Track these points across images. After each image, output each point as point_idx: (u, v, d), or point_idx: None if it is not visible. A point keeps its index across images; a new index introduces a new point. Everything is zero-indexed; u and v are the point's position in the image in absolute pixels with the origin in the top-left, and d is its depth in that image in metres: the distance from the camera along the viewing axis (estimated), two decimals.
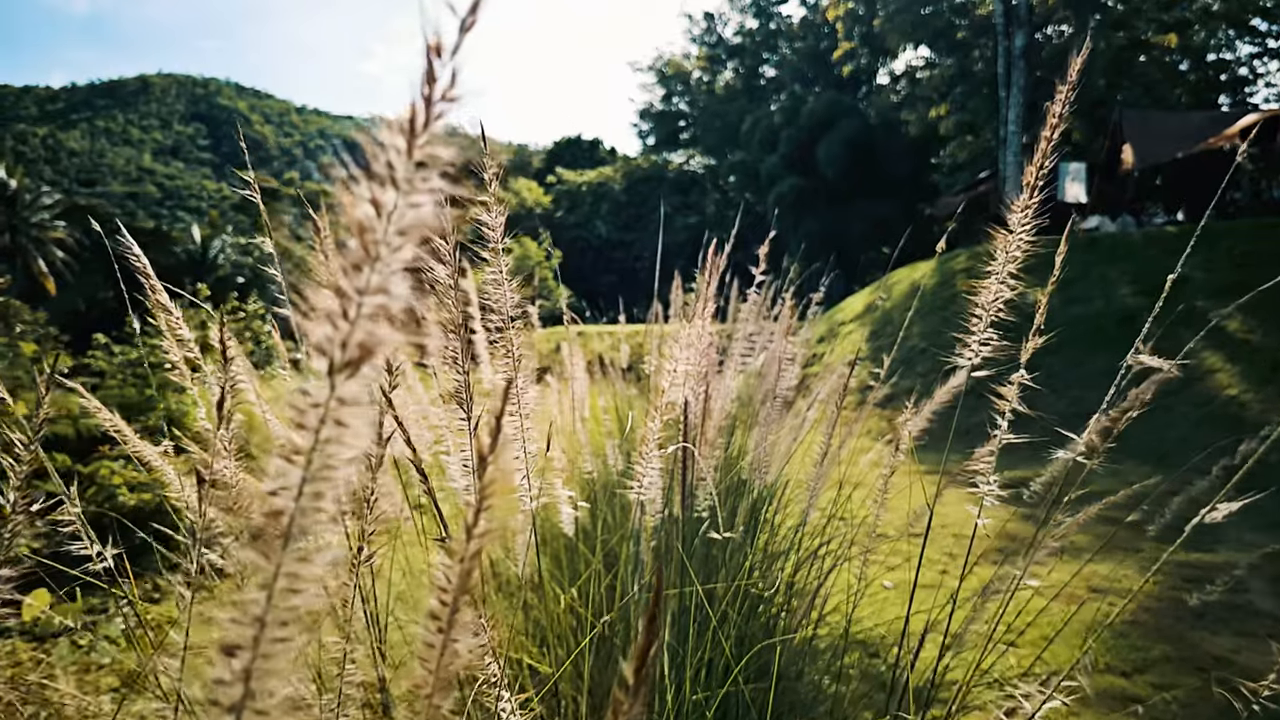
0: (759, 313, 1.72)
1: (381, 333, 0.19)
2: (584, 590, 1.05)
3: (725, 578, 1.06)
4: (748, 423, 1.91)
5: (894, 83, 25.06)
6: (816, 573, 1.35)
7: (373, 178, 0.19)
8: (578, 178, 33.77)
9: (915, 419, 0.85)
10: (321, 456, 0.19)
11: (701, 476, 0.85)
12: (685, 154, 35.51)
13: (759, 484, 1.12)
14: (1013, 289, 0.59)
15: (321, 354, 0.19)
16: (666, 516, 0.98)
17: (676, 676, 0.91)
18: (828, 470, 1.02)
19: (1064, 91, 0.57)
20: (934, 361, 7.61)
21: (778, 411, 1.16)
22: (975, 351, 0.58)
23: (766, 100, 30.60)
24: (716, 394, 1.01)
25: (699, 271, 1.59)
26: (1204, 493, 1.27)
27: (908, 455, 0.92)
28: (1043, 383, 0.99)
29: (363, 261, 0.19)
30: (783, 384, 1.08)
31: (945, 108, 17.06)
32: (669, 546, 0.92)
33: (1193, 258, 5.18)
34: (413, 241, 0.19)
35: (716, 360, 1.41)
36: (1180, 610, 2.65)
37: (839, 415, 0.97)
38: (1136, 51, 15.39)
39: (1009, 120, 13.23)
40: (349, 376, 0.19)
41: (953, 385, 0.96)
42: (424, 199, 0.19)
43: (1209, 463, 1.22)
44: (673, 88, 34.68)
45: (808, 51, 29.87)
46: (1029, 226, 0.58)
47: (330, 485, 0.19)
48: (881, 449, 2.01)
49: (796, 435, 1.32)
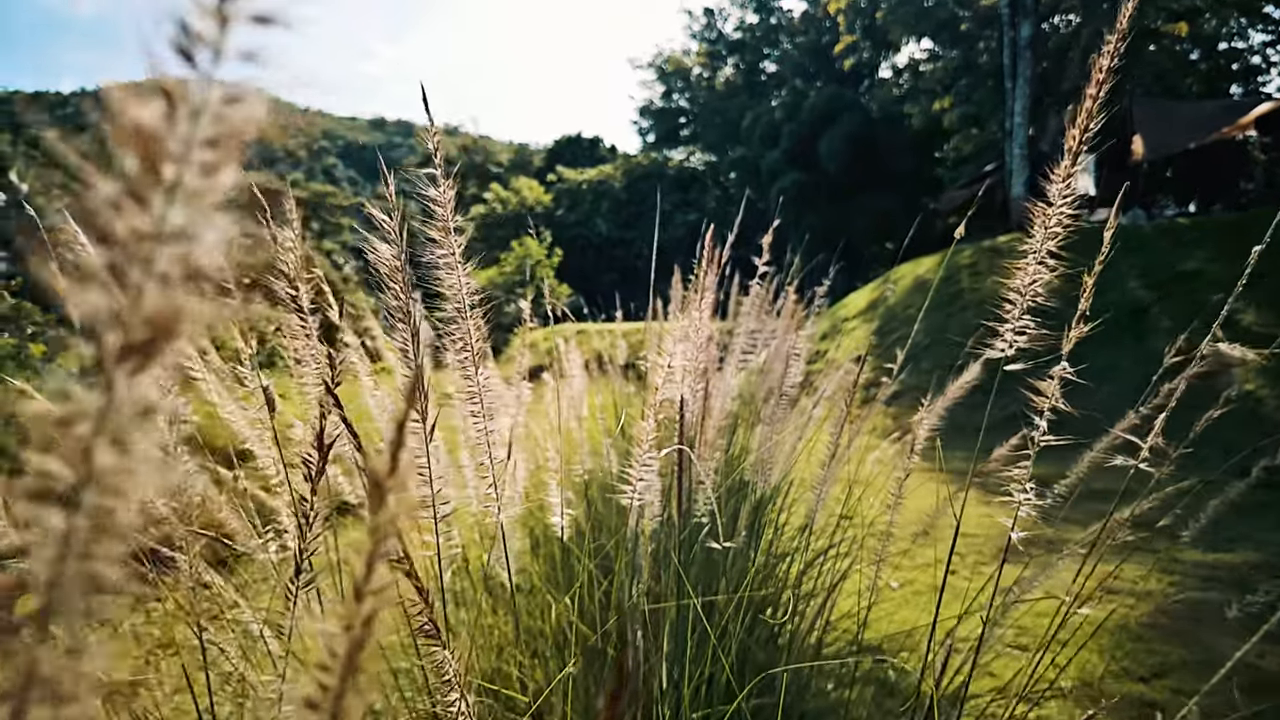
0: (761, 307, 1.66)
1: (181, 304, 0.12)
2: (577, 598, 0.99)
3: (726, 587, 1.00)
4: (750, 421, 1.85)
5: (896, 76, 24.85)
6: (825, 576, 1.29)
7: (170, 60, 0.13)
8: (578, 176, 33.71)
9: (929, 417, 0.78)
10: (95, 497, 0.12)
11: (701, 479, 0.79)
12: (685, 151, 35.37)
13: (762, 486, 1.05)
14: (1052, 269, 0.52)
15: (91, 337, 0.12)
16: (665, 519, 0.92)
17: (675, 695, 0.85)
18: (835, 471, 0.95)
19: (1097, 78, 0.50)
20: (938, 358, 7.52)
21: (783, 410, 1.09)
22: (1009, 342, 0.51)
23: (767, 96, 30.43)
24: (716, 391, 0.94)
25: (697, 265, 1.52)
26: (1229, 493, 1.19)
27: (917, 454, 0.85)
28: (1047, 377, 0.92)
29: (149, 187, 0.12)
30: (788, 381, 1.01)
31: (949, 100, 16.88)
32: (666, 552, 0.86)
33: (1204, 250, 5.22)
34: (231, 157, 0.12)
35: (717, 356, 1.35)
36: (1199, 612, 2.57)
37: (848, 414, 0.91)
38: (1146, 40, 15.17)
39: (1015, 112, 13.07)
40: (135, 372, 0.12)
41: (966, 380, 0.89)
42: (249, 93, 0.12)
43: (1228, 460, 1.14)
44: (673, 84, 34.53)
45: (809, 46, 29.66)
46: (1070, 198, 0.51)
47: (111, 541, 0.12)
48: (888, 447, 1.94)
49: (802, 434, 1.26)
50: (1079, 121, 0.52)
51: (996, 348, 0.51)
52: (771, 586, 1.23)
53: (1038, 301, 0.50)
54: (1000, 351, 0.50)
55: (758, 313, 1.59)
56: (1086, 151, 0.51)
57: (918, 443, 0.78)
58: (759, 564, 1.18)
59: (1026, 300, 0.50)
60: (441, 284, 0.45)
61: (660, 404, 0.61)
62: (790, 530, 1.75)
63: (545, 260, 21.81)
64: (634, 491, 0.62)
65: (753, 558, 1.14)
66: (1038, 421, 0.55)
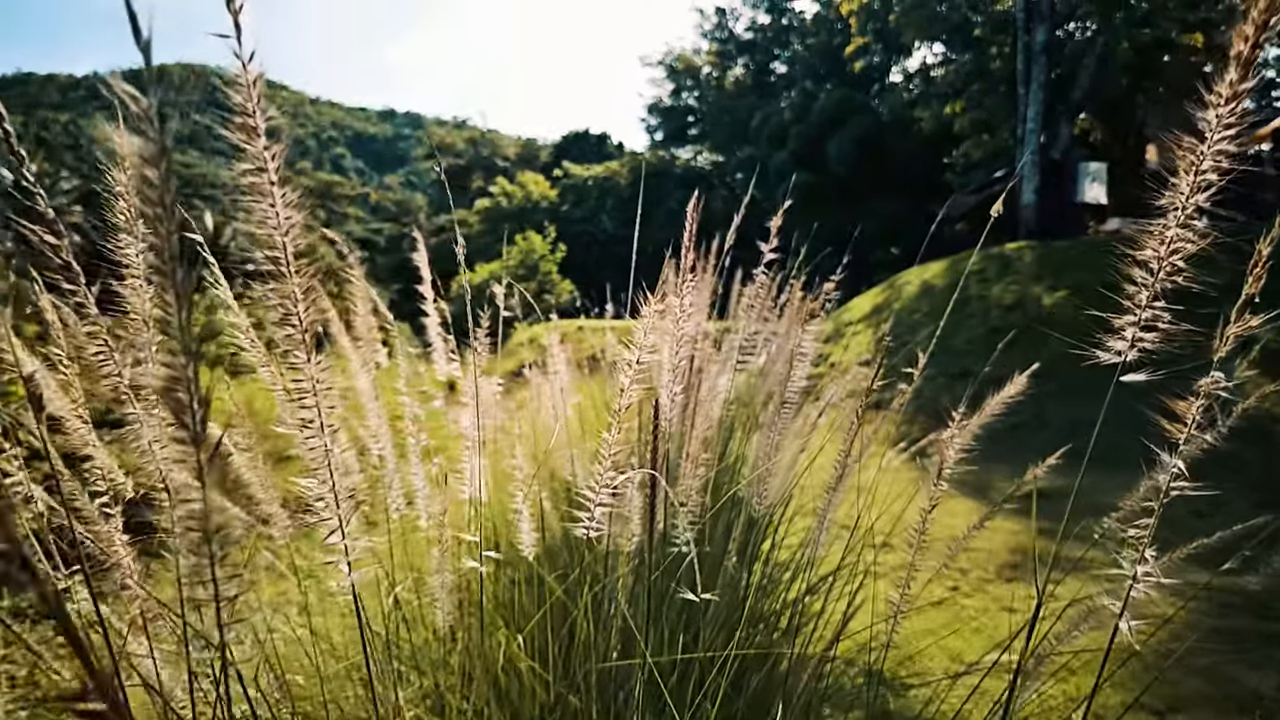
0: (764, 302, 1.52)
1: None
2: (534, 640, 0.86)
3: (710, 634, 0.87)
4: (748, 425, 1.71)
5: (907, 80, 24.65)
6: (828, 612, 1.15)
7: None
8: (584, 172, 33.59)
9: (960, 435, 0.66)
10: None
11: (683, 501, 0.66)
12: (693, 150, 35.22)
13: (759, 506, 0.91)
14: (1204, 235, 0.38)
15: None
16: (641, 546, 0.79)
17: None
18: (839, 497, 0.82)
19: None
20: (943, 365, 7.38)
21: (784, 419, 0.95)
22: (1131, 339, 0.37)
23: (776, 96, 30.22)
24: (705, 395, 0.81)
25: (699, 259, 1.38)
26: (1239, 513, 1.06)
27: (945, 480, 0.73)
28: (1053, 392, 0.78)
29: None
30: (790, 385, 0.88)
31: (960, 105, 16.70)
32: (637, 595, 0.73)
33: (1216, 261, 4.93)
34: None
35: (709, 355, 1.21)
36: (1215, 640, 2.44)
37: (858, 430, 0.78)
38: (1161, 51, 14.96)
39: (1027, 118, 12.89)
40: None
41: (1007, 395, 0.76)
42: None
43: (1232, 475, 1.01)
44: (682, 83, 34.34)
45: (820, 48, 29.46)
46: (1239, 109, 0.36)
47: None
48: (894, 457, 1.80)
49: (805, 444, 1.13)
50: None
51: (1112, 350, 0.37)
52: (764, 627, 1.09)
53: (1176, 282, 0.37)
54: (1116, 355, 0.37)
55: (761, 307, 1.45)
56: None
57: (946, 467, 0.65)
58: (751, 602, 1.03)
59: (1159, 281, 0.36)
60: (249, 217, 0.30)
61: (627, 411, 0.49)
62: (788, 550, 1.61)
63: (549, 256, 21.67)
64: (591, 519, 0.50)
65: (744, 586, 1.01)
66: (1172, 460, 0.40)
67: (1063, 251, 8.60)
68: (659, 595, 0.83)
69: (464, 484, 0.81)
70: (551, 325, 4.53)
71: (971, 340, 7.80)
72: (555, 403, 1.40)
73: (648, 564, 0.62)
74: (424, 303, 1.05)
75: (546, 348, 1.55)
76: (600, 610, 0.77)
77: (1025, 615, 2.78)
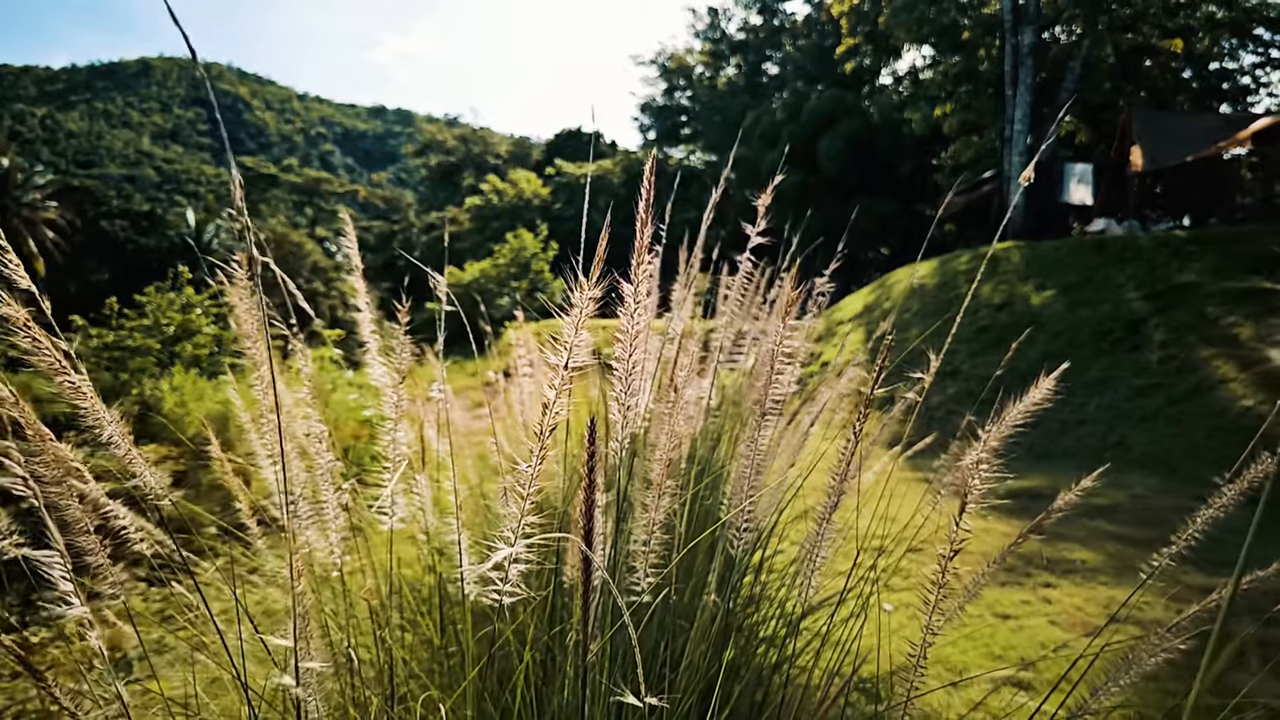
0: (752, 297, 1.50)
1: None
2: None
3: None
4: (733, 434, 1.69)
5: (897, 82, 24.83)
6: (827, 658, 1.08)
7: None
8: (577, 170, 33.45)
9: (983, 451, 0.64)
10: None
11: (645, 539, 0.62)
12: (686, 149, 35.21)
13: (739, 541, 0.83)
14: None
15: None
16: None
17: None
18: (829, 538, 0.79)
19: None
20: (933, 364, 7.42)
21: (766, 434, 0.85)
22: None
23: (769, 97, 30.31)
24: (671, 410, 0.76)
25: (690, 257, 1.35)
26: (1227, 509, 1.07)
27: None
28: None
29: None
30: (776, 390, 0.80)
31: (950, 107, 16.84)
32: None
33: (1201, 262, 5.09)
34: None
35: (688, 362, 1.18)
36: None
37: (854, 452, 0.76)
38: (1143, 56, 15.20)
39: (1015, 119, 13.03)
40: None
41: (1033, 401, 0.75)
42: None
43: (1221, 474, 1.02)
44: (675, 82, 34.33)
45: (811, 49, 29.58)
46: None
47: None
48: (889, 461, 1.80)
49: (794, 457, 1.11)
50: None
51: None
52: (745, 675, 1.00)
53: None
54: None
55: (750, 301, 1.43)
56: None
57: (973, 499, 0.61)
58: (729, 658, 0.94)
59: None
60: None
61: (551, 430, 0.43)
62: (777, 576, 1.55)
63: (540, 254, 21.52)
64: (504, 579, 0.43)
65: (719, 667, 0.89)
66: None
67: (1050, 251, 8.71)
68: (602, 693, 0.73)
69: (385, 513, 0.76)
70: (538, 326, 4.46)
71: (960, 339, 7.87)
72: (525, 409, 1.37)
73: (583, 648, 0.53)
74: (362, 303, 1.01)
75: (514, 348, 1.51)
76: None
77: (1019, 621, 2.84)
